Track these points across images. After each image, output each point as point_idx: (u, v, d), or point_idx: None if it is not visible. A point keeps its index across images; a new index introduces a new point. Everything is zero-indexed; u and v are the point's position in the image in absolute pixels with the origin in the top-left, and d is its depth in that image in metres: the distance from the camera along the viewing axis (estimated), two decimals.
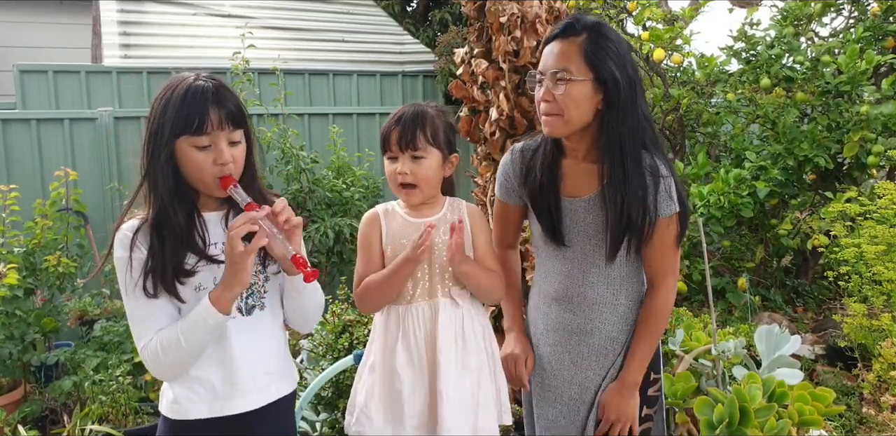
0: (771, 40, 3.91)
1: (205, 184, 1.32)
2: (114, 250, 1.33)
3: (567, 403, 1.62)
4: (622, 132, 1.45)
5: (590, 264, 1.58)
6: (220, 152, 1.29)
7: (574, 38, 1.44)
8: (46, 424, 3.10)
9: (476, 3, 2.59)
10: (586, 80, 1.42)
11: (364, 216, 1.67)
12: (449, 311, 1.58)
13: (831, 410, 2.13)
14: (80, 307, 3.62)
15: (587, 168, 1.54)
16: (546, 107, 1.46)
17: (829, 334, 3.43)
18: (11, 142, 4.12)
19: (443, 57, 5.82)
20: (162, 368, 1.33)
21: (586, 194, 1.55)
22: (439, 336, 1.55)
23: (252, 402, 1.40)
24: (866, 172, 3.68)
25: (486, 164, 2.68)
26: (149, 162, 1.31)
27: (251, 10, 6.03)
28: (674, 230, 1.53)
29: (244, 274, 1.27)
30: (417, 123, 1.55)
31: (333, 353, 2.67)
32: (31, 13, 8.11)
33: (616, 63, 1.43)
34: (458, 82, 2.71)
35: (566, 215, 1.57)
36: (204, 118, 1.27)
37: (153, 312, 1.32)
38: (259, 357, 1.42)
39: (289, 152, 4.26)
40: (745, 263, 4.07)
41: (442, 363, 1.54)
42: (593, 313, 1.59)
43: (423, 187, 1.57)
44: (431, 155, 1.56)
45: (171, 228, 1.32)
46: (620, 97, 1.43)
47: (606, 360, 1.60)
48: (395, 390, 1.56)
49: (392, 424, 1.56)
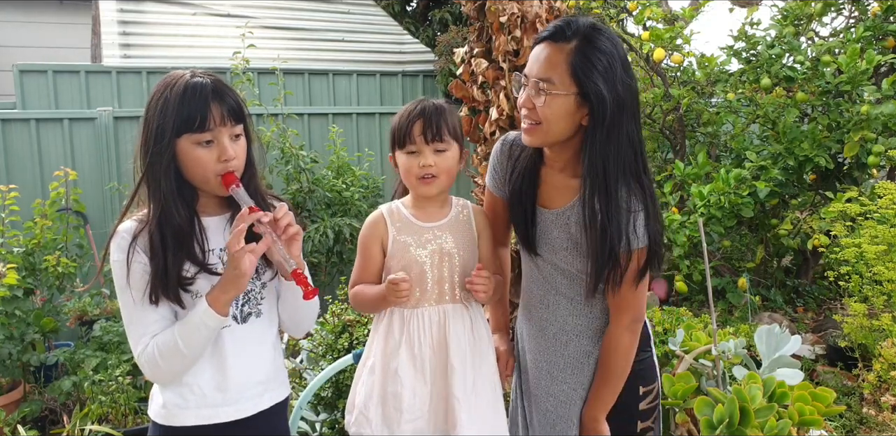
0: (771, 40, 3.90)
1: (208, 182, 1.30)
2: (111, 254, 1.31)
3: (545, 414, 1.59)
4: (607, 153, 1.34)
5: (562, 276, 1.53)
6: (223, 148, 1.28)
7: (563, 45, 1.33)
8: (46, 424, 3.10)
9: (476, 3, 2.59)
10: (569, 94, 1.32)
11: (368, 218, 1.63)
12: (459, 315, 1.57)
13: (831, 410, 2.12)
14: (80, 307, 3.62)
15: (563, 181, 1.48)
16: (526, 114, 1.39)
17: (829, 334, 3.42)
18: (11, 142, 4.12)
19: (443, 57, 5.82)
20: (160, 373, 1.31)
21: (557, 207, 1.49)
22: (451, 341, 1.54)
23: (244, 410, 1.39)
24: (867, 171, 3.68)
25: (486, 164, 2.68)
26: (149, 163, 1.28)
27: (251, 10, 6.03)
28: (634, 266, 1.40)
29: (243, 277, 1.26)
30: (441, 116, 1.52)
31: (333, 353, 2.67)
32: (31, 13, 8.11)
33: (604, 79, 1.31)
34: (458, 82, 2.71)
35: (538, 225, 1.52)
36: (206, 115, 1.25)
37: (150, 318, 1.30)
38: (254, 366, 1.40)
39: (288, 152, 4.26)
40: (745, 263, 4.07)
41: (457, 368, 1.52)
42: (567, 325, 1.55)
43: (444, 179, 1.54)
44: (452, 148, 1.54)
45: (174, 232, 1.29)
46: (606, 116, 1.31)
47: (581, 375, 1.55)
48: (395, 393, 1.54)
49: (389, 426, 1.55)
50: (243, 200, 1.30)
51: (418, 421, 1.54)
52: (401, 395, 1.53)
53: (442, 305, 1.57)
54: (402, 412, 1.54)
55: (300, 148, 4.33)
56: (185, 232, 1.31)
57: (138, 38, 5.48)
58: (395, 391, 1.54)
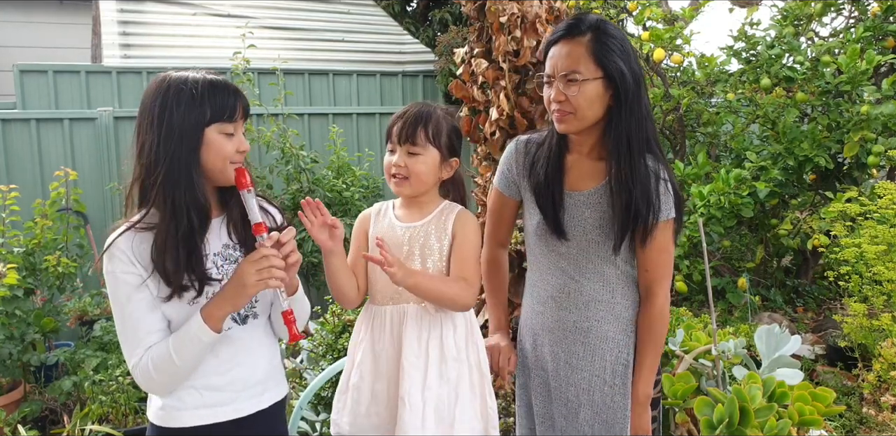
0: (771, 40, 3.91)
1: (226, 172, 1.31)
2: (104, 264, 1.29)
3: (566, 403, 1.61)
4: (630, 127, 1.48)
5: (586, 261, 1.58)
6: (241, 141, 1.33)
7: (580, 38, 1.46)
8: (46, 424, 3.10)
9: (476, 3, 2.59)
10: (597, 78, 1.45)
11: (360, 214, 1.70)
12: (419, 317, 1.56)
13: (831, 410, 2.12)
14: (80, 307, 3.63)
15: (591, 163, 1.57)
16: (559, 106, 1.48)
17: (829, 334, 3.42)
18: (11, 142, 4.12)
19: (443, 57, 5.82)
20: (154, 385, 1.30)
21: (588, 188, 1.56)
22: (405, 342, 1.54)
23: (242, 409, 1.39)
24: (866, 171, 3.68)
25: (486, 164, 2.68)
26: (173, 155, 1.25)
27: (251, 10, 6.03)
28: (671, 234, 1.54)
29: (244, 297, 1.27)
30: (420, 120, 1.56)
31: (333, 353, 2.67)
32: (31, 13, 8.12)
33: (622, 59, 1.45)
34: (458, 82, 2.70)
35: (567, 209, 1.58)
36: (235, 106, 1.30)
37: (144, 330, 1.29)
38: (253, 366, 1.41)
39: (289, 152, 4.26)
40: (745, 263, 4.07)
41: (406, 370, 1.52)
42: (589, 311, 1.58)
43: (414, 182, 1.56)
44: (428, 153, 1.56)
45: (197, 213, 1.28)
46: (629, 92, 1.46)
47: (603, 361, 1.59)
48: (356, 384, 1.59)
49: (353, 415, 1.59)
50: (252, 208, 1.30)
51: (374, 417, 1.57)
52: (360, 388, 1.58)
53: (401, 305, 1.58)
54: (359, 405, 1.58)
55: (300, 148, 4.33)
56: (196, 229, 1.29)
57: (138, 38, 5.48)
58: (356, 384, 1.59)
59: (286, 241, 1.31)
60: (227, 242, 1.39)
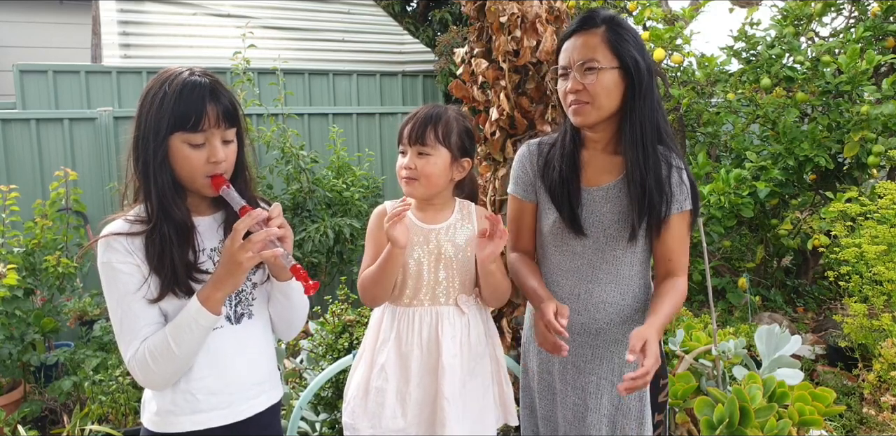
0: (771, 40, 3.91)
1: (194, 182, 1.28)
2: (98, 255, 1.27)
3: (572, 408, 1.61)
4: (644, 117, 1.49)
5: (601, 260, 1.57)
6: (213, 150, 1.25)
7: (595, 30, 1.49)
8: (46, 424, 3.10)
9: (476, 3, 2.59)
10: (612, 68, 1.47)
11: (374, 210, 1.66)
12: (454, 319, 1.59)
13: (831, 410, 2.12)
14: (80, 307, 3.62)
15: (607, 158, 1.58)
16: (575, 97, 1.49)
17: (829, 334, 3.42)
18: (11, 142, 4.12)
19: (443, 57, 5.82)
20: (152, 376, 1.26)
21: (605, 183, 1.56)
22: (443, 344, 1.56)
23: (239, 412, 1.37)
24: (867, 171, 3.68)
25: (486, 164, 2.68)
26: (143, 160, 1.25)
27: (251, 10, 6.03)
28: (688, 225, 1.56)
29: (240, 275, 1.23)
30: (430, 121, 1.56)
31: (333, 353, 2.67)
32: (31, 13, 8.12)
33: (636, 49, 1.48)
34: (458, 82, 2.70)
35: (585, 205, 1.58)
36: (201, 114, 1.23)
37: (141, 321, 1.26)
38: (250, 367, 1.38)
39: (289, 152, 4.26)
40: (745, 263, 4.06)
41: (447, 370, 1.54)
42: (598, 314, 1.58)
43: (424, 183, 1.56)
44: (439, 153, 1.56)
45: (176, 227, 1.27)
46: (643, 82, 1.48)
47: (611, 363, 1.59)
48: (379, 387, 1.58)
49: (372, 419, 1.58)
50: (235, 200, 1.28)
51: (399, 420, 1.57)
52: (384, 390, 1.57)
53: (435, 307, 1.59)
54: (384, 408, 1.57)
55: (300, 148, 4.33)
56: (185, 226, 1.29)
57: (138, 38, 5.48)
58: (379, 386, 1.57)
59: (275, 215, 1.26)
60: (224, 237, 1.37)
